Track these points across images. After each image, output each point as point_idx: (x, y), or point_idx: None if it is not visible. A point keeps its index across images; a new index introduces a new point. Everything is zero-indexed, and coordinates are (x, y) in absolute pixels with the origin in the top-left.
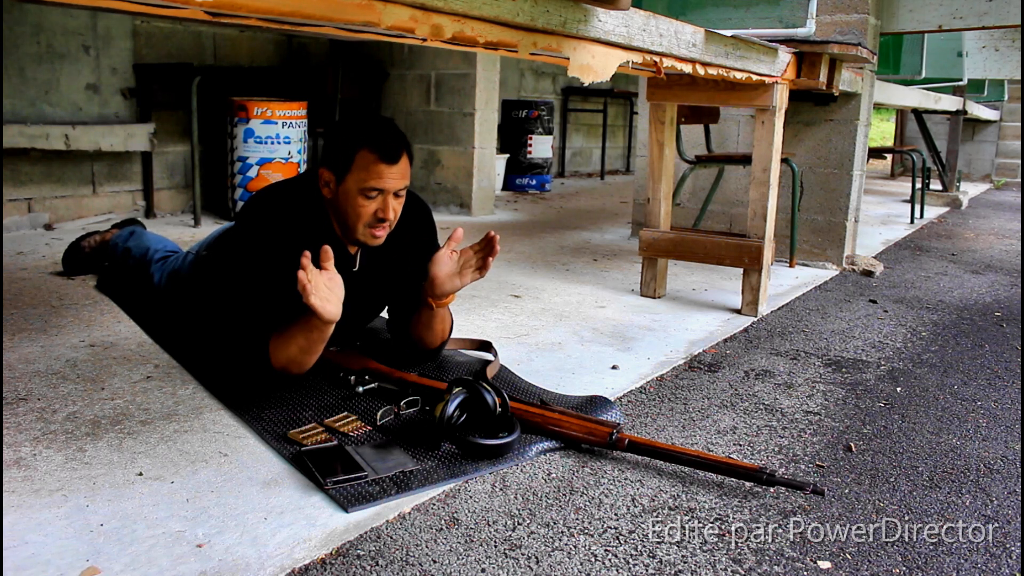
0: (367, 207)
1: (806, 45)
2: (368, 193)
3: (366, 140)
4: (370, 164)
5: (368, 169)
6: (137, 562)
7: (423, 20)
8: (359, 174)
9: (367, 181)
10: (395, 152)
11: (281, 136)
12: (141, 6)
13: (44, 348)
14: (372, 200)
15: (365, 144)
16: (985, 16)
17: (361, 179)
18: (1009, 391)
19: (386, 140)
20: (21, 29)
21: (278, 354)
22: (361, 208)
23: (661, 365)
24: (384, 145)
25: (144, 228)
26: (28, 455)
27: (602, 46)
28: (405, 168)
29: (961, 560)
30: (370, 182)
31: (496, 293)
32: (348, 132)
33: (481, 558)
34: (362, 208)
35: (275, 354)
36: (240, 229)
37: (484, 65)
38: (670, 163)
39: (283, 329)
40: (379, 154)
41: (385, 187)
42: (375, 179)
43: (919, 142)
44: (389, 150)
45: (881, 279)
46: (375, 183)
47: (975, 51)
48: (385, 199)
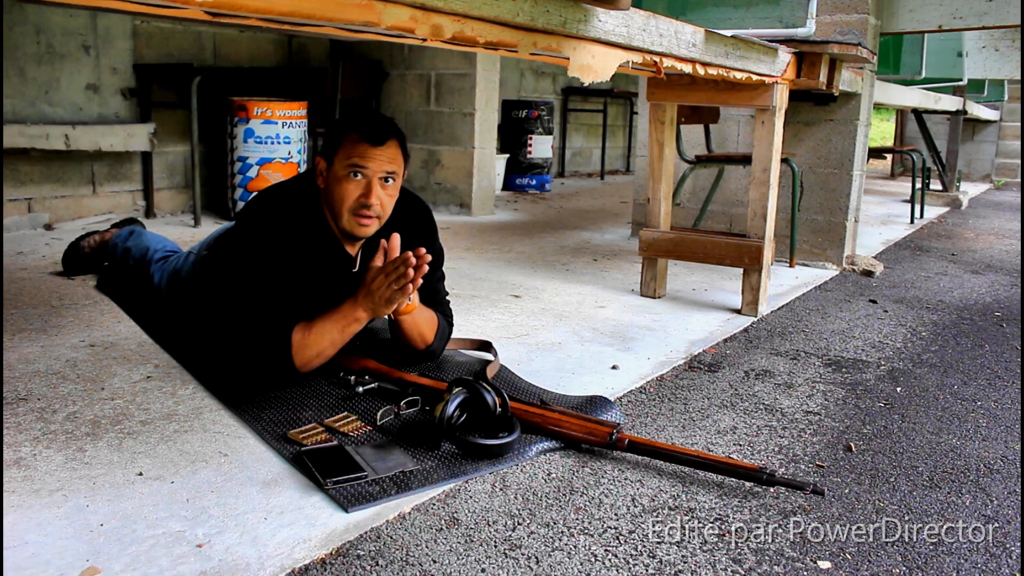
0: (351, 190)
1: (806, 45)
2: (351, 172)
3: (353, 125)
4: (355, 144)
5: (353, 148)
6: (137, 562)
7: (423, 20)
8: (344, 154)
9: (351, 159)
10: (381, 134)
11: (281, 136)
12: (141, 6)
13: (44, 348)
14: (356, 182)
15: (353, 128)
16: (985, 16)
17: (346, 158)
18: (1009, 391)
19: (373, 124)
20: (21, 29)
21: (307, 349)
22: (345, 191)
23: (661, 365)
24: (370, 127)
25: (143, 227)
26: (28, 455)
27: (602, 46)
28: (393, 154)
29: (961, 560)
30: (353, 159)
31: (496, 293)
32: (340, 121)
33: (481, 558)
34: (346, 191)
35: (303, 349)
36: (238, 231)
37: (484, 65)
38: (670, 163)
39: (311, 324)
40: (364, 134)
41: (368, 166)
42: (358, 157)
43: (919, 142)
44: (374, 132)
45: (881, 279)
46: (358, 160)
47: (975, 51)
48: (370, 183)
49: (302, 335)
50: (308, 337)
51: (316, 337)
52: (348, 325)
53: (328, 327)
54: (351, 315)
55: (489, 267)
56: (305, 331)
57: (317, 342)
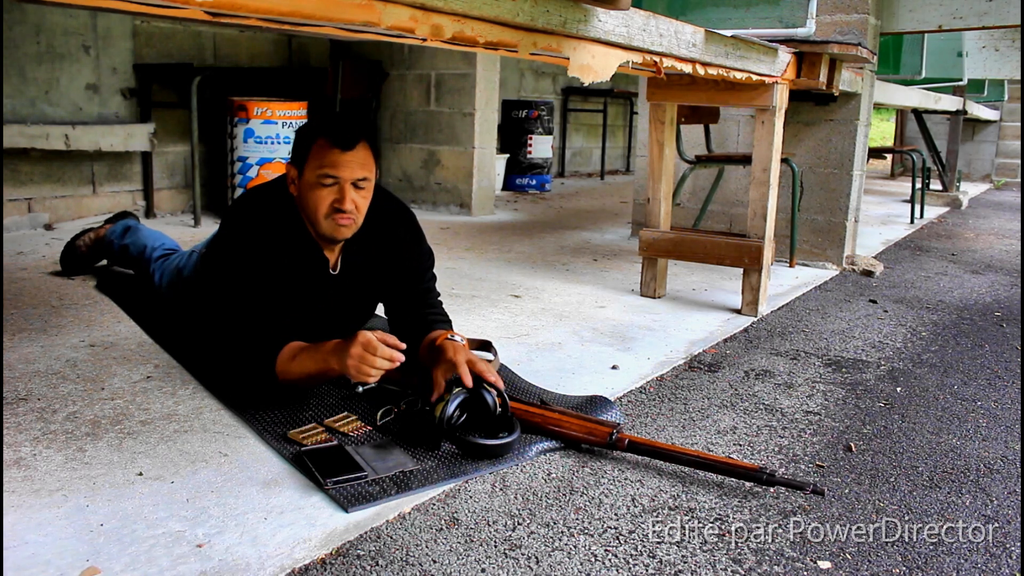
0: (324, 197)
1: (806, 45)
2: (323, 180)
3: (321, 129)
4: (324, 151)
5: (323, 156)
6: (137, 562)
7: (423, 20)
8: (315, 162)
9: (322, 168)
10: (349, 139)
11: (281, 136)
12: (141, 6)
13: (44, 348)
14: (328, 188)
15: (320, 133)
16: (985, 16)
17: (317, 167)
18: (1009, 391)
19: (340, 128)
20: (21, 29)
21: (286, 375)
22: (319, 199)
23: (661, 365)
24: (338, 132)
25: (137, 220)
26: (28, 455)
27: (602, 46)
28: (364, 157)
29: (961, 560)
30: (325, 168)
31: (496, 293)
32: (307, 125)
33: (481, 558)
34: (319, 199)
35: (283, 373)
36: (220, 238)
37: (484, 65)
38: (670, 163)
39: (296, 354)
40: (332, 140)
41: (340, 175)
42: (329, 166)
43: (919, 142)
44: (343, 137)
45: (881, 279)
46: (329, 170)
47: (975, 51)
48: (342, 188)
49: (285, 364)
50: (290, 365)
51: (297, 369)
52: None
53: (307, 364)
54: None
55: (489, 267)
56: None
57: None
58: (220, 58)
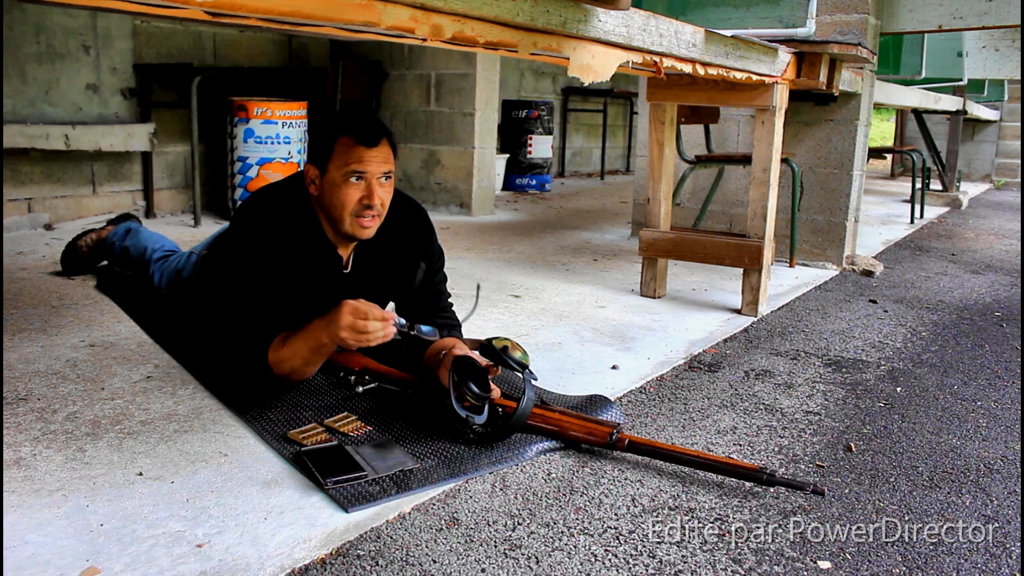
0: (351, 194)
1: (806, 45)
2: (351, 177)
3: (344, 127)
4: (350, 148)
5: (349, 154)
6: (137, 562)
7: (423, 20)
8: (340, 160)
9: (349, 165)
10: (374, 135)
11: (281, 136)
12: (141, 6)
13: (44, 348)
14: (356, 186)
15: (343, 131)
16: (985, 16)
17: (343, 164)
18: (1009, 391)
19: (364, 124)
20: (21, 29)
21: (280, 364)
22: (346, 196)
23: (661, 365)
24: (362, 129)
25: (139, 223)
26: (28, 455)
27: (602, 46)
28: (387, 153)
29: (961, 560)
30: (352, 165)
31: (496, 293)
32: (326, 124)
33: (481, 558)
34: (347, 196)
35: (276, 363)
36: (232, 235)
37: (484, 65)
38: (670, 163)
39: (286, 339)
40: (357, 137)
41: (367, 170)
42: (356, 162)
43: (919, 142)
44: (368, 133)
45: (881, 279)
46: (356, 166)
47: (975, 51)
48: (370, 184)
49: (276, 352)
50: (281, 352)
51: (288, 353)
52: (317, 347)
53: (298, 346)
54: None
55: (489, 267)
56: (279, 347)
57: (289, 359)
58: (220, 58)
